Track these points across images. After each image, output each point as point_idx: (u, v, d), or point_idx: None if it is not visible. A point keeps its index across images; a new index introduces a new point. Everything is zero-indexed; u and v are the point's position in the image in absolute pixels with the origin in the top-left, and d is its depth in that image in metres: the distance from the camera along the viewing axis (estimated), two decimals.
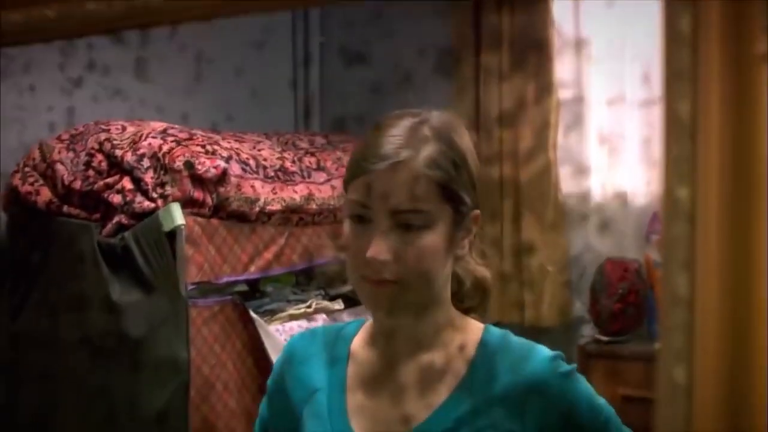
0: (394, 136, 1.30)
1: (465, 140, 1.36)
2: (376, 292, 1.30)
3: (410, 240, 1.28)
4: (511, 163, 3.45)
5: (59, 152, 2.78)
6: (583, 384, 1.38)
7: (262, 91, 3.79)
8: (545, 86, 3.41)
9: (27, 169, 2.83)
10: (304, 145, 3.17)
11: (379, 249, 1.27)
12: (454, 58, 3.63)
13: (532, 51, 3.43)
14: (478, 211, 1.36)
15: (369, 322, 1.43)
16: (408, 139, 1.30)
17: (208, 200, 2.62)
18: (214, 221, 2.65)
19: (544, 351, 1.38)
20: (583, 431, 1.36)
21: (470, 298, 1.44)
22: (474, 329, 1.41)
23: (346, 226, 1.32)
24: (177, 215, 2.54)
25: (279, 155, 2.95)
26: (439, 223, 1.30)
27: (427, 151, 1.29)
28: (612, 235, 3.40)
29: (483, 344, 1.39)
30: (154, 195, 2.57)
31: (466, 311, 1.43)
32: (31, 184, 2.79)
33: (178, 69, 3.52)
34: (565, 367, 1.36)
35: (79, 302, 2.67)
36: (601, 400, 1.39)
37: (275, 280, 2.99)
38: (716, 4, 0.58)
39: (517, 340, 1.42)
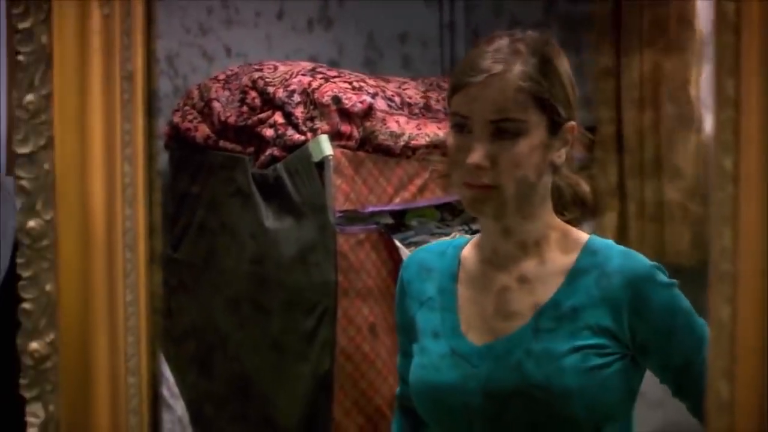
0: (491, 51, 1.44)
1: (559, 57, 1.49)
2: (476, 196, 1.44)
3: (506, 147, 1.41)
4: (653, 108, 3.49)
5: (216, 91, 2.99)
6: (680, 299, 1.48)
7: None
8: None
9: (186, 107, 3.05)
10: (447, 86, 3.30)
11: (478, 156, 1.41)
12: None
13: None
14: (573, 123, 1.47)
15: (478, 234, 1.57)
16: (504, 54, 1.43)
17: (355, 133, 2.78)
18: (361, 153, 2.81)
19: (645, 260, 1.50)
20: (677, 345, 1.47)
21: (570, 211, 1.57)
22: (578, 237, 1.53)
23: (449, 138, 1.47)
24: (325, 147, 2.71)
25: (423, 94, 3.09)
26: (533, 131, 1.42)
27: (522, 64, 1.43)
28: None
29: (586, 250, 1.51)
30: (304, 128, 2.75)
31: (568, 224, 1.54)
32: (190, 121, 3.02)
33: None
34: (664, 278, 1.47)
35: (235, 230, 2.88)
36: (700, 320, 1.48)
37: (420, 214, 3.14)
38: None
39: (620, 247, 1.54)
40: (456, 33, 3.96)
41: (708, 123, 3.46)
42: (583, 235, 1.52)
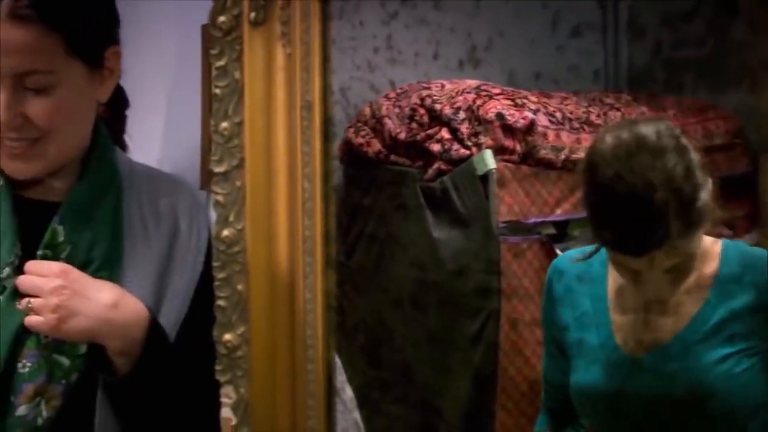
0: (630, 218, 1.39)
1: (686, 151, 1.45)
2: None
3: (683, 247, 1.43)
4: None
5: (386, 109, 3.15)
6: None
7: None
8: None
9: (359, 124, 3.23)
10: (609, 101, 3.38)
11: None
12: None
13: None
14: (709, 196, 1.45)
15: None
16: (649, 213, 1.38)
17: (518, 148, 2.90)
18: (523, 167, 2.92)
19: None
20: None
21: None
22: (714, 245, 1.56)
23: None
24: (489, 161, 2.84)
25: (585, 109, 3.18)
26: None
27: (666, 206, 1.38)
28: None
29: (724, 257, 1.54)
30: (469, 143, 2.88)
31: None
32: (363, 136, 3.19)
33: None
34: None
35: (404, 239, 3.03)
36: None
37: (583, 225, 3.21)
38: None
39: (756, 250, 1.56)
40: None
41: None
42: (716, 242, 1.56)
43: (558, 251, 2.97)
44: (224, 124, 1.32)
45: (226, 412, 1.38)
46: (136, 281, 1.64)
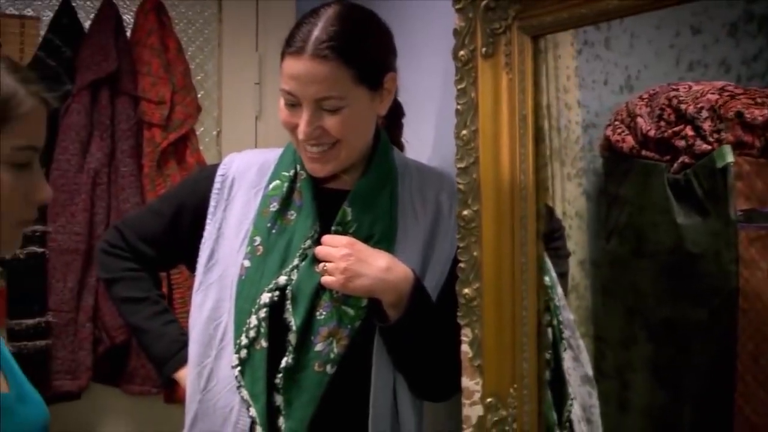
0: None
1: None
2: None
3: None
4: None
5: (640, 108, 3.43)
6: None
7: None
8: None
9: (616, 122, 3.53)
10: None
11: None
12: None
13: None
14: None
15: None
16: None
17: (757, 143, 3.11)
18: (762, 160, 3.12)
19: None
20: None
21: None
22: None
23: None
24: (728, 155, 3.06)
25: None
26: None
27: None
28: None
29: None
30: (711, 139, 3.12)
31: None
32: (619, 134, 3.48)
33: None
34: None
35: (651, 225, 3.31)
36: None
37: None
38: None
39: None
40: None
41: None
42: None
43: None
44: (464, 132, 1.60)
45: (464, 348, 1.62)
46: (406, 252, 1.93)
